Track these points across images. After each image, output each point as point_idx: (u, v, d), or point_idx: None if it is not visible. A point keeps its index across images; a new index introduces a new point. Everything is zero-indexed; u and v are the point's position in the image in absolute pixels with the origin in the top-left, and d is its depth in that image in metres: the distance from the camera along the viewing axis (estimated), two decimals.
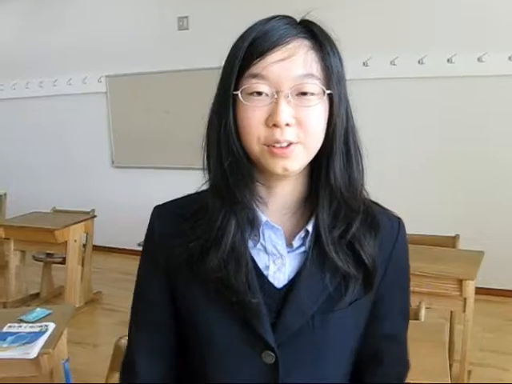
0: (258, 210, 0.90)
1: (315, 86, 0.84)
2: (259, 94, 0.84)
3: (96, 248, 4.83)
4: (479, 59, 4.21)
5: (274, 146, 0.84)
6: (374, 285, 0.94)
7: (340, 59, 0.88)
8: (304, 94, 0.84)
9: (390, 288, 0.98)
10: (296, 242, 0.92)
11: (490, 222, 4.31)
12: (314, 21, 0.89)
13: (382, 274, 0.95)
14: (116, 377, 1.93)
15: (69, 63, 5.89)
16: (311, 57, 0.84)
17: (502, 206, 4.29)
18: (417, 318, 2.17)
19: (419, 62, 4.42)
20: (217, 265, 0.89)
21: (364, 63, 4.54)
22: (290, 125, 0.83)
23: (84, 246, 4.45)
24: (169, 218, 0.97)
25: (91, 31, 5.70)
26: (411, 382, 1.74)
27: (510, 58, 4.15)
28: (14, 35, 6.20)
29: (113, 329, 3.82)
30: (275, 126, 0.83)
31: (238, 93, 0.84)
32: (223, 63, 0.88)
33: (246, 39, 0.84)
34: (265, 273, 0.92)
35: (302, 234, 0.92)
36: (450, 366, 3.29)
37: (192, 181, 0.97)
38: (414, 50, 4.39)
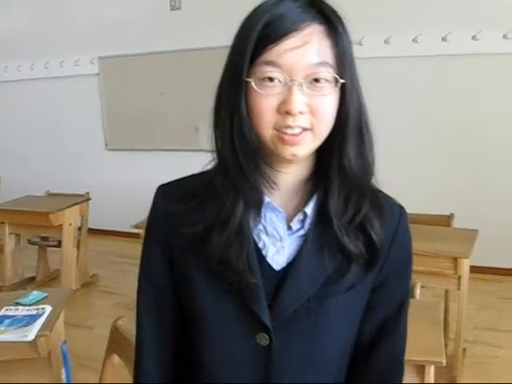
0: (266, 192, 0.90)
1: (329, 74, 0.84)
2: (271, 80, 0.83)
3: (91, 231, 4.82)
4: (474, 37, 4.20)
5: (284, 133, 0.84)
6: (376, 267, 0.94)
7: (350, 41, 0.87)
8: (317, 81, 0.83)
9: (390, 275, 0.97)
10: (295, 225, 0.92)
11: (485, 201, 4.32)
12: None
13: (383, 261, 0.95)
14: (113, 358, 1.95)
15: (60, 45, 5.84)
16: (325, 44, 0.84)
17: (497, 185, 4.31)
18: (412, 296, 2.18)
19: (414, 40, 4.41)
20: (221, 245, 0.89)
21: (358, 42, 4.52)
22: (302, 112, 0.83)
23: (79, 229, 4.45)
24: (173, 198, 0.97)
25: (83, 12, 5.64)
26: (407, 358, 1.77)
27: (504, 36, 4.13)
28: (4, 18, 6.13)
29: (109, 311, 3.83)
30: (288, 113, 0.82)
31: (251, 80, 0.83)
32: (233, 44, 0.87)
33: (258, 22, 0.82)
34: (264, 255, 0.92)
35: (300, 216, 0.92)
36: (445, 343, 3.32)
37: (187, 162, 0.97)
38: (409, 29, 4.37)
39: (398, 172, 4.44)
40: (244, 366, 0.94)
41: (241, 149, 0.86)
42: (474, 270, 3.02)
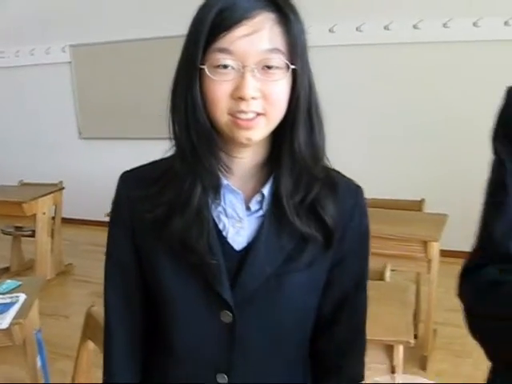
0: (222, 176, 0.93)
1: (280, 60, 0.86)
2: (225, 67, 0.85)
3: (66, 221, 4.80)
4: (444, 25, 4.26)
5: (238, 118, 0.86)
6: (332, 246, 0.97)
7: (303, 29, 0.90)
8: (269, 67, 0.86)
9: (348, 252, 1.01)
10: (253, 206, 0.96)
11: (456, 186, 4.40)
12: None
13: (341, 238, 0.98)
14: (88, 344, 1.97)
15: (31, 33, 5.76)
16: (277, 31, 0.86)
17: (466, 170, 4.39)
18: (382, 278, 2.23)
19: (385, 28, 4.46)
20: (181, 228, 0.92)
21: (330, 30, 4.56)
22: (255, 98, 0.85)
23: (53, 218, 4.43)
24: (136, 183, 1.00)
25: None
26: (376, 338, 1.82)
27: (474, 23, 4.20)
28: None
29: (85, 299, 3.83)
30: (241, 98, 0.85)
31: (205, 67, 0.86)
32: (188, 33, 0.89)
33: (211, 10, 0.85)
34: (225, 235, 0.95)
35: (258, 197, 0.95)
36: (416, 325, 3.42)
37: (161, 150, 0.99)
38: (380, 16, 4.42)
39: (371, 159, 4.51)
40: (209, 343, 0.98)
41: (196, 134, 0.89)
42: (444, 253, 3.09)
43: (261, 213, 0.96)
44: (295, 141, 0.91)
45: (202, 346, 0.99)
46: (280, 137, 0.93)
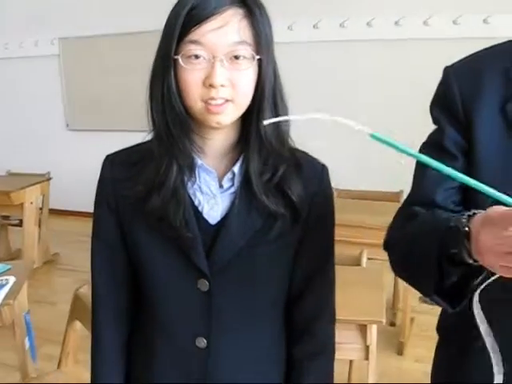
0: (195, 156, 1.02)
1: (246, 51, 0.95)
2: (197, 57, 0.94)
3: (53, 211, 4.86)
4: (396, 23, 4.48)
5: (209, 104, 0.95)
6: (299, 221, 1.06)
7: (269, 24, 0.99)
8: (237, 58, 0.95)
9: (314, 228, 1.09)
10: (226, 183, 1.05)
11: None
12: None
13: (307, 214, 1.07)
14: (75, 324, 2.04)
15: (20, 26, 5.79)
16: (244, 24, 0.95)
17: None
18: (359, 264, 2.33)
19: (341, 25, 4.65)
20: (159, 204, 1.01)
21: (289, 27, 4.75)
22: (224, 85, 0.94)
23: (40, 208, 4.49)
24: (118, 165, 1.09)
25: None
26: (351, 319, 1.92)
27: (424, 22, 4.41)
28: None
29: (71, 287, 3.78)
30: (211, 86, 0.94)
31: (179, 57, 0.95)
32: (164, 27, 0.97)
33: (185, 6, 0.93)
34: (200, 211, 1.05)
35: (229, 175, 1.04)
36: (395, 314, 3.54)
37: None
38: (337, 14, 4.61)
39: (355, 153, 4.61)
40: (188, 310, 1.07)
41: (171, 119, 0.98)
42: None
43: (233, 190, 1.04)
44: (261, 124, 1.00)
45: (182, 313, 1.08)
46: (248, 121, 1.02)
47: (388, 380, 2.85)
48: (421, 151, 1.06)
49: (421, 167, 1.05)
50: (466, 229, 0.79)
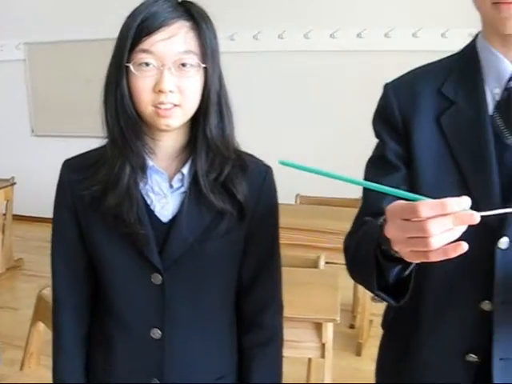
0: (147, 157, 1.10)
1: (193, 60, 1.04)
2: (147, 65, 1.03)
3: (18, 217, 4.84)
4: (331, 36, 4.73)
5: (159, 108, 1.04)
6: (245, 219, 1.15)
7: (215, 35, 1.09)
8: (184, 66, 1.04)
9: (259, 225, 1.18)
10: (176, 183, 1.13)
11: None
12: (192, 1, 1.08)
13: (252, 212, 1.16)
14: (39, 325, 2.07)
15: None
16: (190, 36, 1.04)
17: None
18: (316, 266, 2.41)
19: (279, 36, 4.86)
20: (114, 203, 1.08)
21: (230, 37, 4.92)
22: (172, 91, 1.03)
23: (4, 214, 4.46)
24: (76, 168, 1.16)
25: None
26: (307, 317, 2.00)
27: (358, 35, 4.66)
28: None
29: (34, 293, 3.78)
30: (160, 91, 1.02)
31: (130, 65, 1.03)
32: (118, 37, 1.06)
33: (136, 18, 1.02)
34: (152, 209, 1.12)
35: (179, 176, 1.12)
36: (355, 316, 3.64)
37: None
38: (275, 25, 4.82)
39: (314, 160, 4.71)
40: (143, 302, 1.15)
41: (124, 122, 1.06)
42: None
43: (183, 189, 1.13)
44: (207, 128, 1.09)
45: (137, 306, 1.15)
46: (196, 125, 1.10)
47: (346, 380, 2.93)
48: (368, 165, 1.16)
49: (368, 181, 1.13)
50: None
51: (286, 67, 4.90)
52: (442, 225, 0.73)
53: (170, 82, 1.02)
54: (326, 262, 2.50)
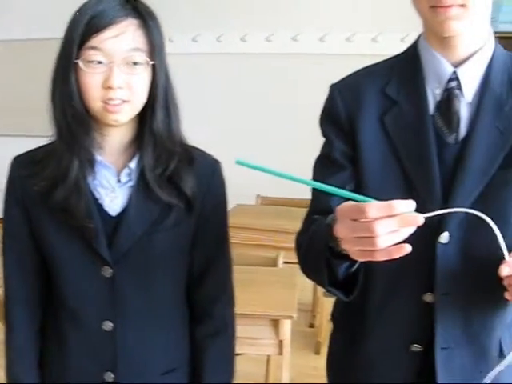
0: (95, 152, 1.12)
1: (141, 57, 1.07)
2: (97, 62, 1.05)
3: None
4: (293, 38, 4.85)
5: (108, 104, 1.06)
6: (193, 212, 1.18)
7: (161, 33, 1.11)
8: (133, 63, 1.06)
9: (208, 217, 1.21)
10: (123, 178, 1.15)
11: None
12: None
13: (201, 205, 1.19)
14: None
15: None
16: (138, 34, 1.07)
17: None
18: (275, 265, 2.45)
19: (241, 39, 4.97)
20: (62, 197, 1.10)
21: (193, 39, 5.02)
22: (121, 87, 1.05)
23: None
24: (25, 164, 1.17)
25: None
26: (264, 314, 2.04)
27: (321, 38, 4.77)
28: None
29: None
30: (110, 88, 1.05)
31: (80, 61, 1.05)
32: (64, 34, 1.07)
33: (83, 16, 1.04)
34: (101, 203, 1.15)
35: (126, 170, 1.15)
36: (314, 316, 3.69)
37: None
38: (238, 28, 4.91)
39: (274, 161, 4.77)
40: (94, 295, 1.17)
41: (72, 117, 1.08)
42: None
43: (131, 184, 1.15)
44: (154, 123, 1.12)
45: (88, 298, 1.17)
46: (143, 120, 1.13)
47: (305, 378, 2.98)
48: (315, 164, 1.20)
49: (316, 180, 1.16)
50: None
51: (249, 70, 4.99)
52: (388, 226, 0.77)
53: (119, 79, 1.05)
54: (285, 262, 2.54)
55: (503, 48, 1.11)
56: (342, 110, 1.13)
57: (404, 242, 0.79)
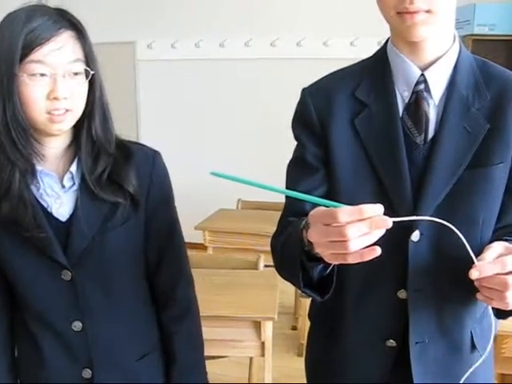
0: (37, 162, 1.14)
1: (81, 67, 1.11)
2: (41, 75, 1.06)
3: None
4: (246, 44, 4.93)
5: (53, 115, 1.08)
6: (140, 206, 1.22)
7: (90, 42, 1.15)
8: (74, 73, 1.10)
9: (155, 209, 1.26)
10: (67, 183, 1.18)
11: None
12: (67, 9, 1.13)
13: (146, 197, 1.23)
14: None
15: None
16: (77, 45, 1.11)
17: None
18: (256, 268, 2.48)
19: (196, 45, 5.04)
20: (8, 210, 1.11)
21: (148, 46, 5.09)
22: (65, 98, 1.08)
23: None
24: None
25: None
26: (246, 316, 2.06)
27: (298, 43, 4.85)
28: None
29: None
30: (55, 99, 1.07)
31: (22, 75, 1.06)
32: None
33: (20, 31, 1.04)
34: (50, 211, 1.17)
35: (68, 175, 1.17)
36: (297, 318, 3.72)
37: None
38: (192, 35, 4.98)
39: (257, 165, 4.83)
40: (58, 298, 1.20)
41: (15, 130, 1.09)
42: None
43: (75, 188, 1.18)
44: (93, 127, 1.16)
45: (53, 303, 1.20)
46: (79, 125, 1.16)
47: (288, 379, 3.00)
48: (289, 167, 1.23)
49: (290, 183, 1.20)
50: None
51: (228, 75, 5.04)
52: (359, 230, 0.80)
53: (64, 90, 1.07)
54: (266, 265, 2.56)
55: (474, 52, 1.15)
56: (313, 114, 1.16)
57: (378, 240, 0.82)
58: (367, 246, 0.82)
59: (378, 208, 0.81)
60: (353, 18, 4.50)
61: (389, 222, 0.80)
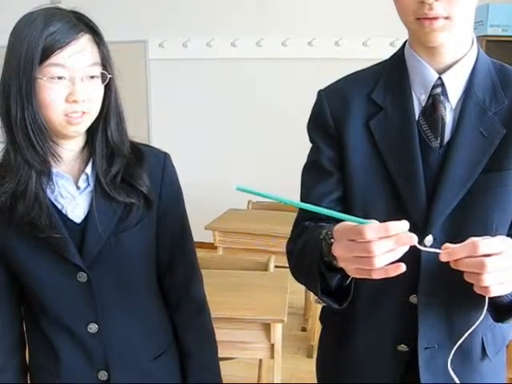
0: (53, 164, 1.14)
1: (98, 71, 1.12)
2: (60, 78, 1.07)
3: None
4: (257, 44, 4.96)
5: (71, 117, 1.09)
6: (152, 205, 1.23)
7: (107, 45, 1.15)
8: (92, 77, 1.11)
9: (167, 208, 1.27)
10: (82, 184, 1.18)
11: None
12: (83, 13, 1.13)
13: (158, 197, 1.24)
14: None
15: None
16: (95, 49, 1.12)
17: None
18: (267, 269, 2.47)
19: (208, 44, 5.06)
20: (25, 211, 1.11)
21: (160, 45, 5.14)
22: (84, 101, 1.09)
23: None
24: None
25: None
26: (255, 318, 2.06)
27: (309, 43, 4.84)
28: None
29: None
30: (74, 101, 1.08)
31: (41, 78, 1.06)
32: (16, 53, 1.07)
33: (40, 34, 1.05)
34: (65, 213, 1.17)
35: (83, 176, 1.18)
36: (306, 320, 3.71)
37: None
38: (204, 34, 5.01)
39: (264, 167, 4.80)
40: (74, 301, 1.20)
41: (33, 132, 1.09)
42: None
43: (90, 189, 1.18)
44: (108, 130, 1.17)
45: (69, 304, 1.20)
46: (94, 128, 1.17)
47: (298, 381, 3.01)
48: (304, 171, 1.22)
49: (305, 187, 1.20)
50: (332, 241, 0.93)
51: (239, 74, 5.05)
52: (385, 246, 0.81)
53: (82, 92, 1.08)
54: (276, 266, 2.56)
55: (487, 53, 1.13)
56: (329, 116, 1.15)
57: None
58: (392, 262, 0.83)
59: (404, 225, 0.81)
60: (365, 18, 4.49)
61: (414, 238, 0.81)
